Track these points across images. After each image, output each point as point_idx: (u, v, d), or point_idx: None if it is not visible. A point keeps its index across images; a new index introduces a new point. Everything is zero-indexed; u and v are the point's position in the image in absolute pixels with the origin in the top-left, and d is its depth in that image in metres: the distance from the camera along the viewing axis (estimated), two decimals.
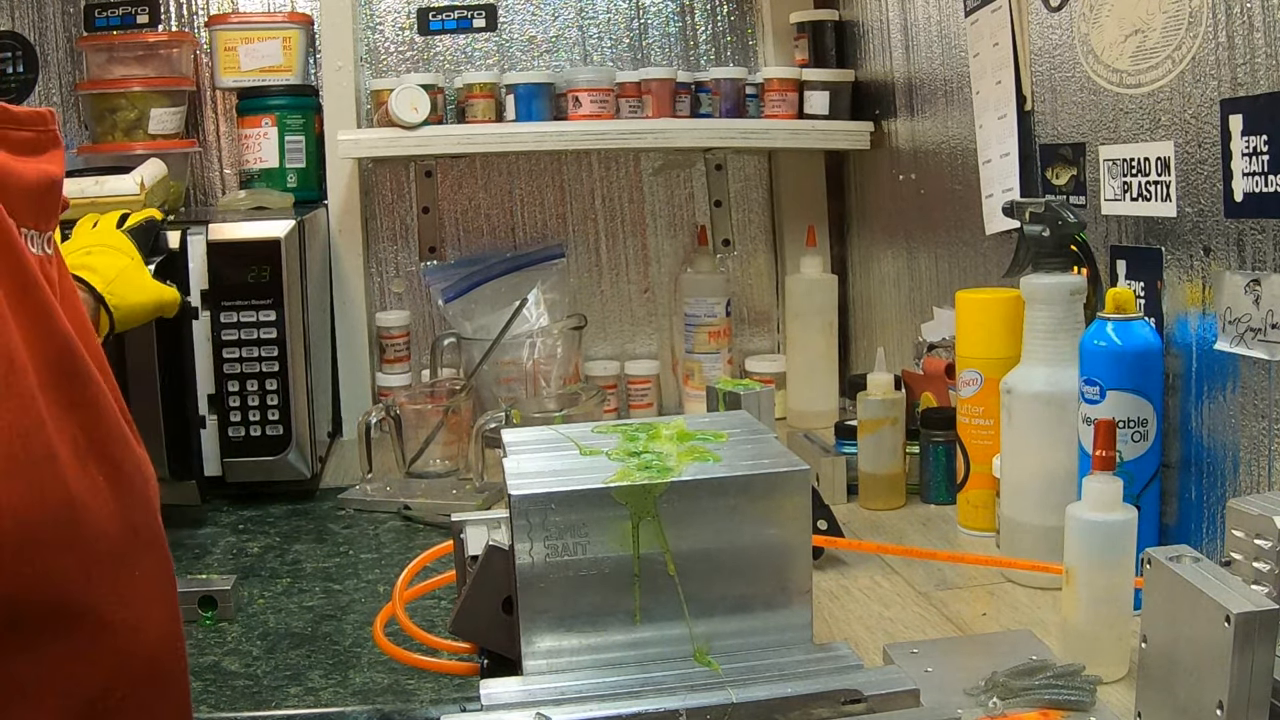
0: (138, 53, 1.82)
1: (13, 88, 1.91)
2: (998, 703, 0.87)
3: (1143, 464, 1.08)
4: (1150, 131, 1.13)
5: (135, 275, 1.27)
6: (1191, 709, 0.77)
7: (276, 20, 1.90)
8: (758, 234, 2.08)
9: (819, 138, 1.88)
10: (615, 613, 0.92)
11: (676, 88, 1.89)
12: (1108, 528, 0.93)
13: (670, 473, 0.93)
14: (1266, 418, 1.00)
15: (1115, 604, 0.94)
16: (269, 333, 1.50)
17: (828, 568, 1.23)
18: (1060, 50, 1.28)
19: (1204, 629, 0.75)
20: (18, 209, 0.71)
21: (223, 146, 1.96)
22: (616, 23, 2.02)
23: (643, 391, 1.96)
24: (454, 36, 1.98)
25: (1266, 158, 0.96)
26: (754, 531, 0.93)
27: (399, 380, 1.92)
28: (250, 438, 1.52)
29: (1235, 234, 1.02)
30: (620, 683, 0.89)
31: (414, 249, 2.00)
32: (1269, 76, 0.96)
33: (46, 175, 0.75)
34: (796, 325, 1.87)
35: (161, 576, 0.78)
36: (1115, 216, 1.20)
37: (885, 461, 1.43)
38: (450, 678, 1.02)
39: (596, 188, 2.04)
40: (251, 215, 1.72)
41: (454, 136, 1.82)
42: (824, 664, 0.91)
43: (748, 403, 1.17)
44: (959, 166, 1.58)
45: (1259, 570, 0.82)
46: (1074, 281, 1.16)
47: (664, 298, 2.05)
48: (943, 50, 1.61)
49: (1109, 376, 1.07)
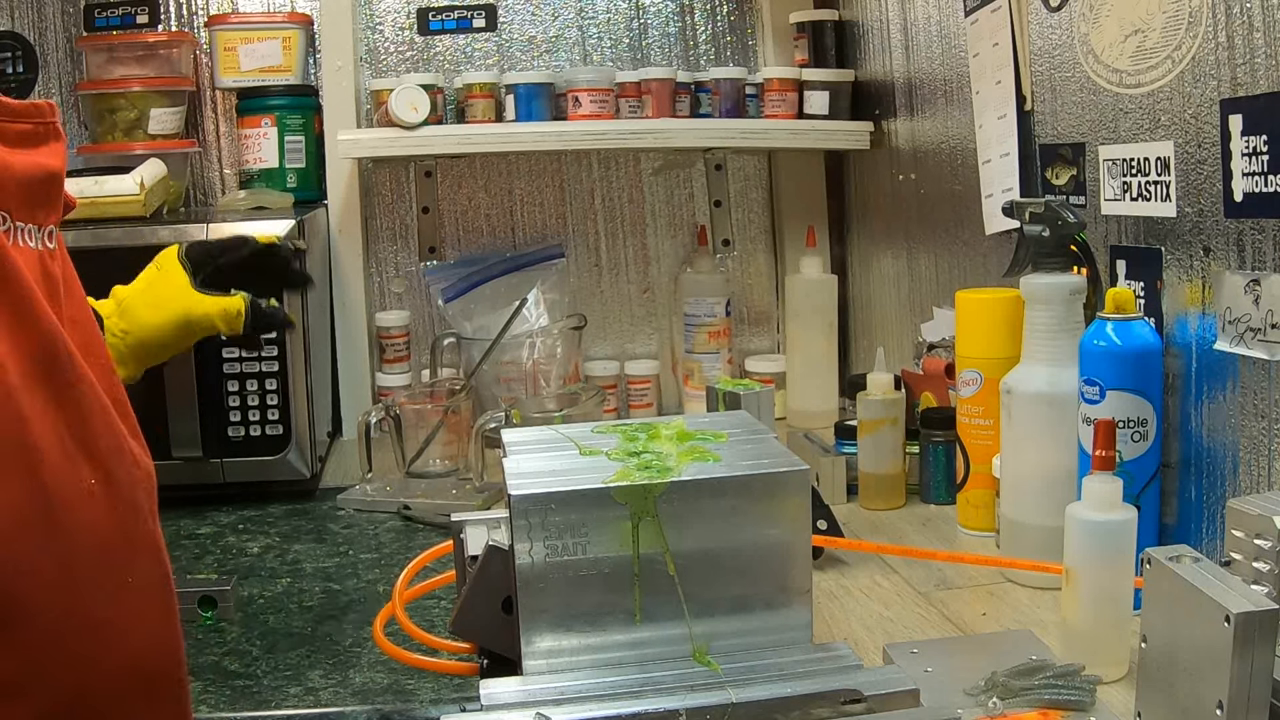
0: (137, 53, 1.82)
1: (12, 88, 1.90)
2: (998, 703, 0.87)
3: (1143, 464, 1.08)
4: (1150, 131, 1.13)
5: (160, 290, 1.18)
6: (1191, 709, 0.77)
7: (276, 20, 1.90)
8: (758, 234, 2.08)
9: (819, 138, 1.88)
10: (615, 613, 0.92)
11: (676, 88, 1.89)
12: (1108, 528, 0.93)
13: (670, 473, 0.93)
14: (1266, 418, 1.00)
15: (1115, 604, 0.94)
16: (269, 333, 1.50)
17: (828, 568, 1.23)
18: (1060, 50, 1.28)
19: (1204, 629, 0.75)
20: (9, 201, 0.70)
21: (222, 146, 1.96)
22: (616, 23, 2.02)
23: (642, 391, 1.96)
24: (454, 36, 1.98)
25: (1266, 158, 0.96)
26: (754, 531, 0.93)
27: (399, 380, 1.92)
28: (250, 437, 1.53)
29: (1235, 234, 1.02)
30: (620, 683, 0.89)
31: (414, 249, 2.00)
32: (1269, 76, 0.96)
33: (42, 168, 0.74)
34: (796, 325, 1.87)
35: (154, 579, 0.77)
36: (1115, 216, 1.20)
37: (885, 461, 1.43)
38: (450, 678, 1.02)
39: (596, 188, 2.04)
40: (251, 215, 1.71)
41: (454, 136, 1.82)
42: (824, 664, 0.91)
43: (748, 403, 1.17)
44: (959, 166, 1.58)
45: (1259, 570, 0.82)
46: (1074, 281, 1.16)
47: (664, 298, 2.05)
48: (943, 50, 1.61)
49: (1109, 376, 1.07)
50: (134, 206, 1.59)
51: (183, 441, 1.50)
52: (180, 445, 1.50)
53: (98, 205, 1.57)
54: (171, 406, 1.49)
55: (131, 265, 1.49)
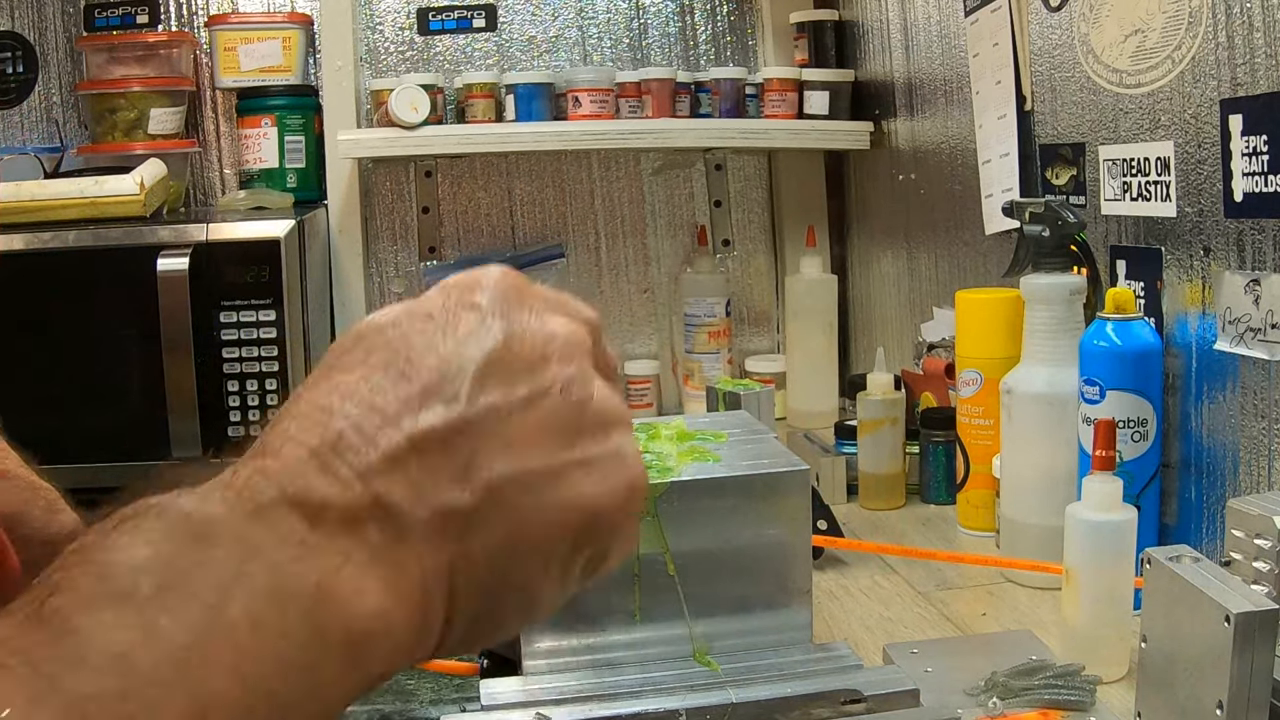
0: (138, 53, 1.82)
1: (13, 88, 1.91)
2: (997, 703, 0.87)
3: (1143, 464, 1.08)
4: (1150, 131, 1.13)
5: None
6: (1191, 709, 0.77)
7: (276, 20, 1.90)
8: (758, 234, 2.08)
9: (819, 138, 1.88)
10: (615, 613, 0.92)
11: (676, 88, 1.89)
12: (1108, 528, 0.93)
13: (670, 473, 0.93)
14: (1266, 418, 1.00)
15: (1115, 604, 0.94)
16: (269, 333, 1.51)
17: (828, 568, 1.23)
18: (1060, 50, 1.28)
19: (1204, 629, 0.75)
20: None
21: (222, 146, 1.96)
22: (616, 23, 2.02)
23: (642, 391, 1.96)
24: (454, 36, 1.98)
25: (1266, 158, 0.96)
26: (754, 531, 0.93)
27: None
28: (250, 437, 1.52)
29: (1235, 234, 1.02)
30: (620, 683, 0.89)
31: (414, 249, 2.00)
32: (1269, 76, 0.96)
33: None
34: (796, 325, 1.87)
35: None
36: (1115, 216, 1.20)
37: (885, 461, 1.43)
38: (450, 678, 1.02)
39: (596, 188, 2.04)
40: (251, 215, 1.72)
41: (454, 136, 1.82)
42: (824, 664, 0.90)
43: (748, 403, 1.17)
44: (959, 166, 1.58)
45: (1259, 570, 0.82)
46: (1074, 281, 1.16)
47: (664, 298, 2.05)
48: (943, 50, 1.61)
49: (1109, 376, 1.07)
50: (134, 206, 1.59)
51: (183, 441, 1.50)
52: (180, 445, 1.50)
53: (98, 205, 1.57)
54: (171, 406, 1.49)
55: (131, 265, 1.50)
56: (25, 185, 1.58)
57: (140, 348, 1.50)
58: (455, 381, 0.43)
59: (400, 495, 0.41)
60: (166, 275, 1.48)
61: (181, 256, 1.48)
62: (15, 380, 1.49)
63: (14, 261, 1.51)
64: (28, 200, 1.55)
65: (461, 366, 0.44)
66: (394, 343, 0.45)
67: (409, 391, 0.43)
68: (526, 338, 0.46)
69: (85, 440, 1.49)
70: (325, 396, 0.43)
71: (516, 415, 0.44)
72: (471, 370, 0.44)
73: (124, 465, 1.49)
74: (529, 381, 0.45)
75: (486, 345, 0.45)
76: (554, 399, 0.45)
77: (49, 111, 1.92)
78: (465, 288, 0.48)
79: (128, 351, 1.50)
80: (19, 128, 1.92)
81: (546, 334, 0.47)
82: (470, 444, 0.43)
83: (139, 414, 1.50)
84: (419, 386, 0.43)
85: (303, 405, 0.43)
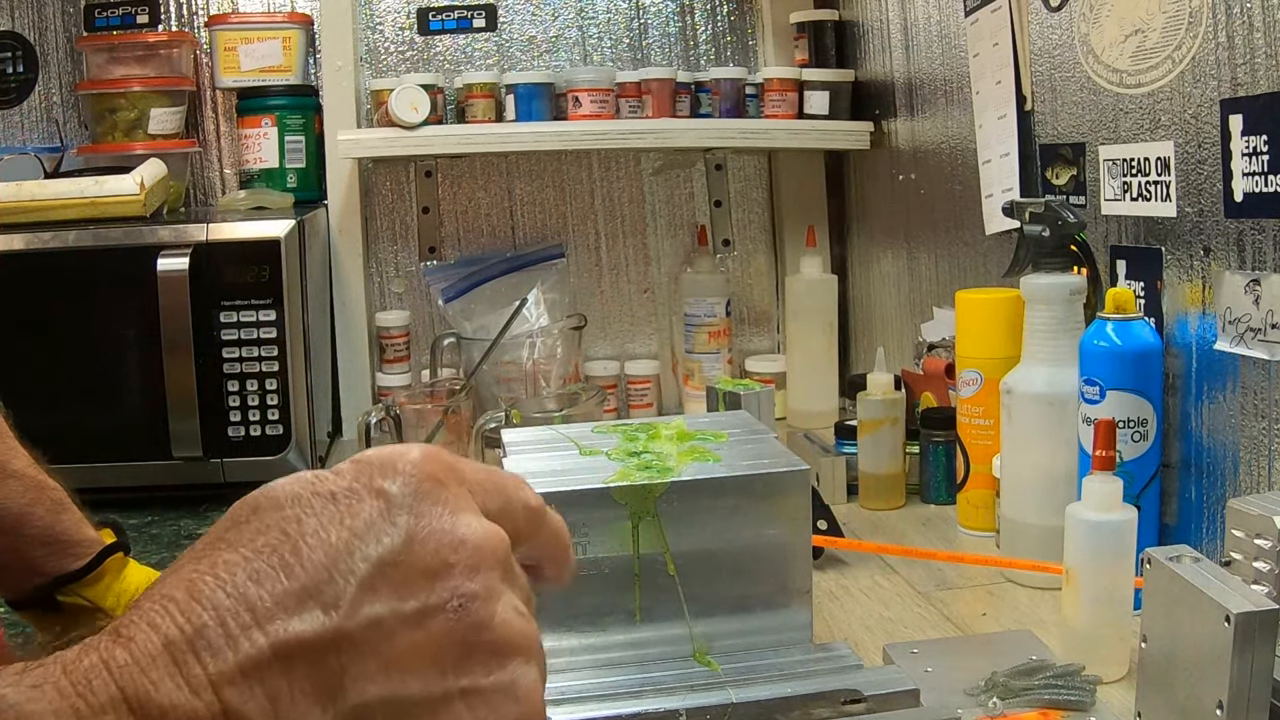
0: (138, 53, 1.82)
1: (13, 88, 1.91)
2: (998, 703, 0.87)
3: (1143, 464, 1.08)
4: (1150, 131, 1.13)
5: None
6: (1191, 709, 0.77)
7: (276, 20, 1.90)
8: (758, 234, 2.08)
9: (819, 138, 1.88)
10: (615, 613, 0.92)
11: (676, 88, 1.89)
12: (1108, 528, 0.93)
13: (670, 473, 0.93)
14: (1266, 418, 1.00)
15: (1115, 604, 0.94)
16: (269, 332, 1.51)
17: (828, 568, 1.23)
18: (1060, 50, 1.28)
19: (1204, 629, 0.75)
20: None
21: (223, 146, 1.96)
22: (616, 23, 2.02)
23: (642, 391, 1.96)
24: (454, 36, 1.98)
25: (1266, 158, 0.96)
26: (754, 531, 0.93)
27: (399, 380, 1.92)
28: (250, 437, 1.53)
29: (1235, 234, 1.02)
30: (620, 683, 0.89)
31: (414, 249, 2.00)
32: (1269, 76, 0.96)
33: None
34: (796, 325, 1.87)
35: None
36: (1115, 216, 1.20)
37: (885, 461, 1.43)
38: None
39: (596, 188, 2.04)
40: (251, 215, 1.72)
41: (454, 136, 1.82)
42: (824, 664, 0.90)
43: (748, 403, 1.17)
44: (959, 166, 1.58)
45: (1259, 570, 0.82)
46: (1074, 281, 1.16)
47: (664, 298, 2.05)
48: (943, 50, 1.61)
49: (1109, 376, 1.07)
50: (134, 206, 1.59)
51: (183, 441, 1.50)
52: (180, 445, 1.50)
53: (98, 205, 1.57)
54: (171, 406, 1.49)
55: (132, 265, 1.50)
56: (25, 185, 1.58)
57: (140, 348, 1.50)
58: (339, 584, 0.39)
59: (254, 710, 0.37)
60: (166, 275, 1.48)
61: (181, 256, 1.48)
62: (15, 380, 1.49)
63: (14, 261, 1.51)
64: (28, 200, 1.55)
65: (351, 567, 0.40)
66: (286, 525, 0.41)
67: (286, 589, 0.39)
68: (431, 540, 0.41)
69: (85, 440, 1.49)
70: (201, 576, 0.39)
71: (401, 631, 0.40)
72: (361, 573, 0.40)
73: (124, 465, 1.49)
74: (423, 593, 0.40)
75: (384, 545, 0.40)
76: (446, 616, 0.41)
77: (49, 111, 1.92)
78: (379, 468, 0.43)
79: (128, 351, 1.50)
80: (19, 128, 1.92)
81: (455, 539, 0.42)
82: (342, 660, 0.39)
83: (139, 414, 1.50)
84: (299, 584, 0.39)
85: (175, 582, 0.39)
